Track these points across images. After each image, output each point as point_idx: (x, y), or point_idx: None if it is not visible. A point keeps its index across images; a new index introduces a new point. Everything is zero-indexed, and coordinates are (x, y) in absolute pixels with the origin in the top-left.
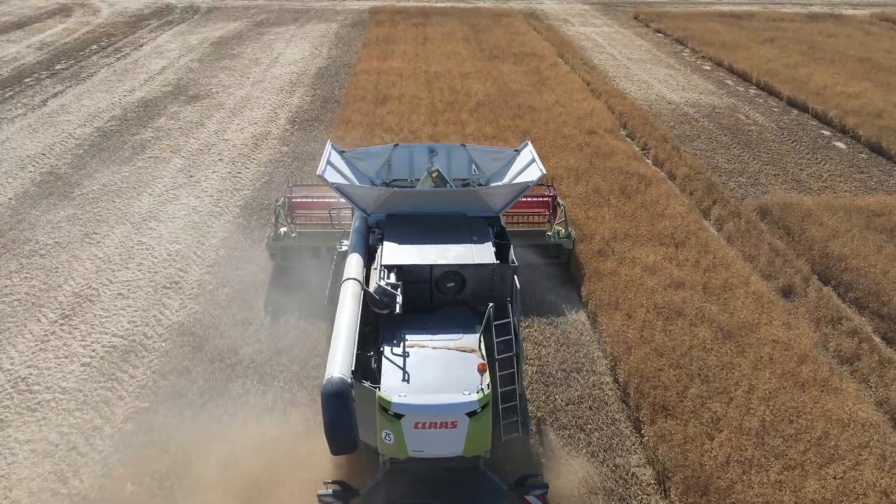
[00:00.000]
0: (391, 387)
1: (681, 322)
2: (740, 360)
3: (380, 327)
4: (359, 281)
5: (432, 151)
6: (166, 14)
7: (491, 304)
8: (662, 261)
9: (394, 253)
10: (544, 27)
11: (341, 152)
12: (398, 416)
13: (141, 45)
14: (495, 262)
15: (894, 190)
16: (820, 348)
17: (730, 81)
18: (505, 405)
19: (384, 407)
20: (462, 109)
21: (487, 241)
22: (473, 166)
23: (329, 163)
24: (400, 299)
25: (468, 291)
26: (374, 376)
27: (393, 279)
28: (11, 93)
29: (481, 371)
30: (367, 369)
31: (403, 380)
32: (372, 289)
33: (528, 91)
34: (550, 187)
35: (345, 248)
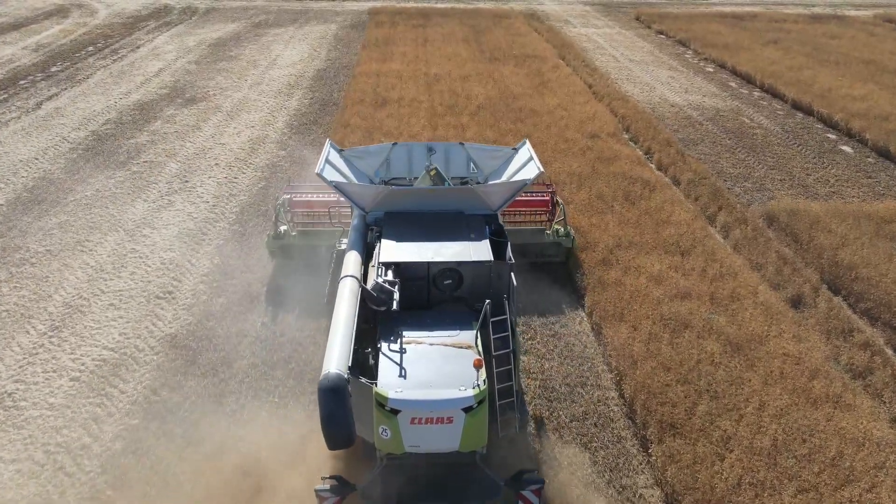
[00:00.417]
0: (388, 382)
1: (688, 334)
2: (750, 375)
3: (377, 324)
4: (357, 278)
5: (431, 150)
6: (164, 15)
7: (488, 301)
8: (668, 270)
9: (391, 250)
10: (545, 28)
11: (340, 151)
12: (395, 412)
13: (138, 47)
14: (492, 260)
15: None
16: (832, 362)
17: (733, 84)
18: (502, 401)
19: (381, 402)
20: (462, 113)
21: (484, 238)
22: (472, 164)
23: (328, 161)
24: (397, 296)
25: (465, 288)
26: (372, 372)
27: (390, 276)
28: (6, 95)
29: (477, 367)
30: (365, 366)
31: (400, 376)
32: (370, 286)
33: (530, 94)
34: (549, 186)
35: (344, 247)
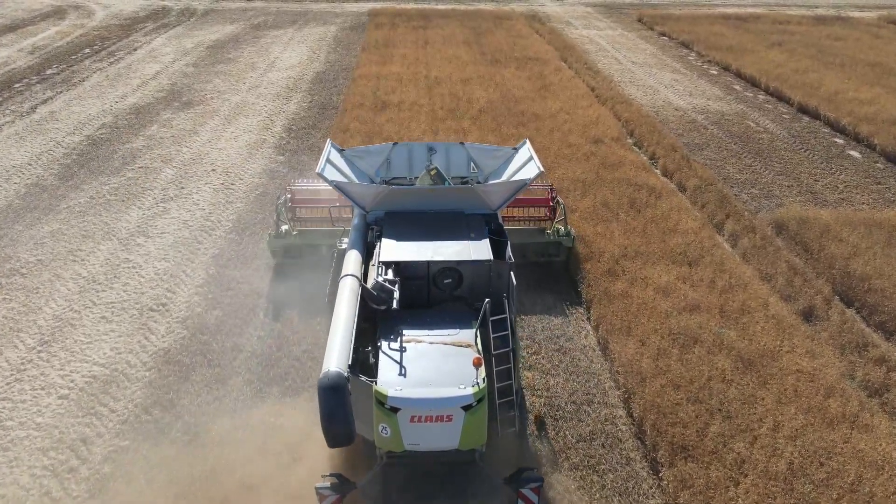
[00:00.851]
0: (388, 381)
1: (698, 350)
2: (763, 393)
3: (377, 323)
4: (357, 277)
5: (431, 149)
6: (162, 16)
7: (487, 300)
8: (676, 281)
9: (391, 249)
10: (546, 30)
11: (341, 150)
12: (394, 410)
13: (135, 49)
14: (492, 259)
15: None
16: (847, 379)
17: (738, 87)
18: (502, 400)
19: (381, 401)
20: (464, 117)
21: (484, 237)
22: (472, 164)
23: (329, 161)
24: (397, 295)
25: (465, 287)
26: (372, 371)
27: (390, 275)
28: (0, 99)
29: (476, 365)
30: (365, 364)
31: (400, 374)
32: (370, 285)
33: (532, 97)
34: (550, 187)
35: (345, 246)
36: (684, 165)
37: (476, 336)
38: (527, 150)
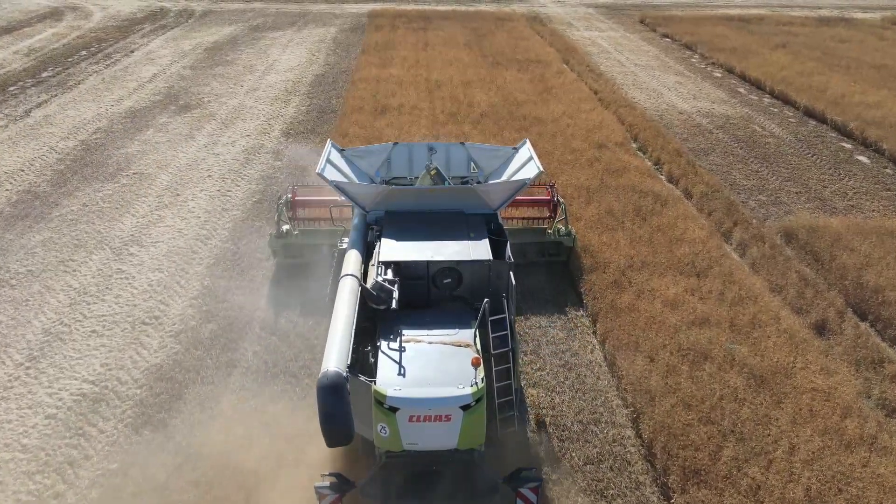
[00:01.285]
0: (387, 381)
1: (708, 367)
2: (777, 413)
3: (377, 323)
4: (356, 277)
5: (431, 149)
6: (160, 18)
7: (486, 300)
8: (684, 293)
9: (391, 249)
10: (548, 31)
11: (341, 150)
12: (393, 410)
13: (132, 51)
14: (491, 259)
15: None
16: (863, 397)
17: (742, 89)
18: (501, 400)
19: (379, 400)
20: (465, 121)
21: (484, 237)
22: (472, 164)
23: (329, 161)
24: (397, 295)
25: (464, 287)
26: (372, 371)
27: (390, 275)
28: None
29: (475, 365)
30: (365, 364)
31: (399, 374)
32: (369, 285)
33: (534, 101)
34: (551, 185)
35: (345, 246)
36: (690, 171)
37: (475, 336)
38: (527, 149)
